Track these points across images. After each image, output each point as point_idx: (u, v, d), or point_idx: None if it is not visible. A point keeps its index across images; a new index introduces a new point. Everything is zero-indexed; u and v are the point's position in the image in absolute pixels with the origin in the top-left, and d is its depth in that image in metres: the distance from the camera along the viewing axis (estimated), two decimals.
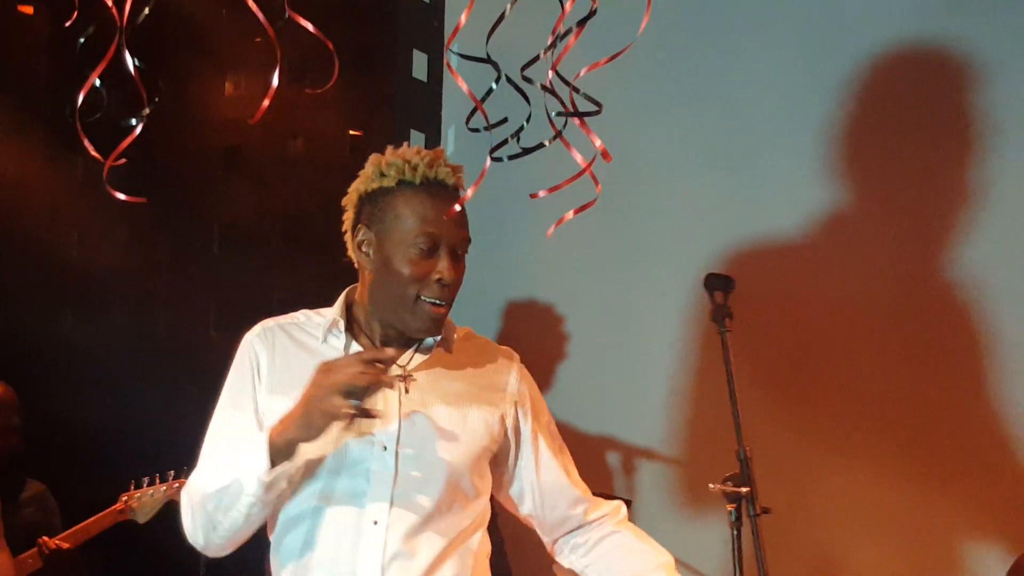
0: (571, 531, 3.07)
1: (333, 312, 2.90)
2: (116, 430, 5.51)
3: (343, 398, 2.54)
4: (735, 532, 2.78)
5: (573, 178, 2.67)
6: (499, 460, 2.95)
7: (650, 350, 4.91)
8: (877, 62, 4.66)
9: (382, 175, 2.84)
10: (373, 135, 5.33)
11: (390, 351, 2.63)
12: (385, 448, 2.76)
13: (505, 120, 2.70)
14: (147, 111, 2.53)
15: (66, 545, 4.71)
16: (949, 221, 4.54)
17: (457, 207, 2.71)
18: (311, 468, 2.78)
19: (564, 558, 3.09)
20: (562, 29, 2.55)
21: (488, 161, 2.58)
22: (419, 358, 2.89)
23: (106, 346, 5.54)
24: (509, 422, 2.94)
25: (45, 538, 4.70)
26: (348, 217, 2.93)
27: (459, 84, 2.59)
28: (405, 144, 2.92)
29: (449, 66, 2.58)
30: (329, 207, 5.55)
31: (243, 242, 5.64)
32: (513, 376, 2.97)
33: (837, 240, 4.66)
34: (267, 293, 5.46)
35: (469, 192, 2.65)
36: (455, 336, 2.95)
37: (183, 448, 5.24)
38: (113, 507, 4.78)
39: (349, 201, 2.93)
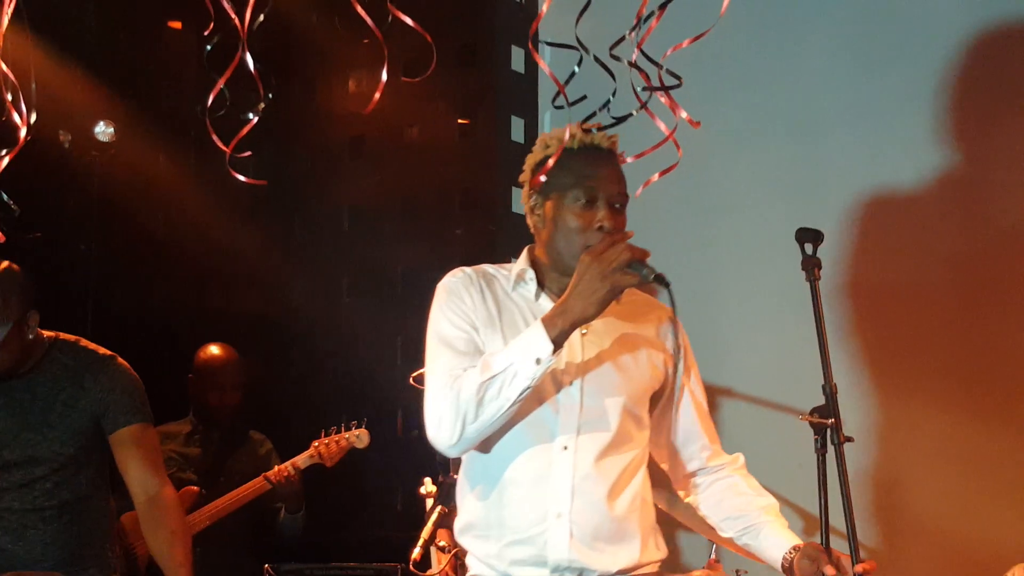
0: (695, 472, 3.17)
1: (519, 265, 3.06)
2: (290, 384, 5.91)
3: (624, 272, 2.73)
4: (820, 458, 2.83)
5: (659, 144, 2.83)
6: (655, 397, 3.07)
7: (738, 301, 5.01)
8: (950, 30, 4.69)
9: (546, 147, 2.99)
10: (478, 123, 5.44)
11: (630, 232, 2.86)
12: (572, 384, 2.92)
13: (584, 97, 2.84)
14: (262, 105, 2.65)
15: (294, 475, 4.99)
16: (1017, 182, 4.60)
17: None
18: None
19: (687, 496, 3.22)
20: (645, 12, 2.66)
21: (567, 133, 2.78)
22: None
23: (249, 315, 5.84)
24: (670, 365, 3.06)
25: (280, 466, 4.98)
26: (524, 188, 3.07)
27: (543, 68, 2.77)
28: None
29: (534, 52, 2.67)
30: (441, 186, 5.85)
31: (368, 219, 5.80)
32: (673, 326, 3.06)
33: (911, 202, 4.73)
34: (391, 264, 5.66)
35: (551, 162, 2.83)
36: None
37: (348, 398, 5.60)
38: (306, 452, 5.03)
39: (524, 176, 3.07)
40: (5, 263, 3.70)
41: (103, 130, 5.58)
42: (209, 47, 2.68)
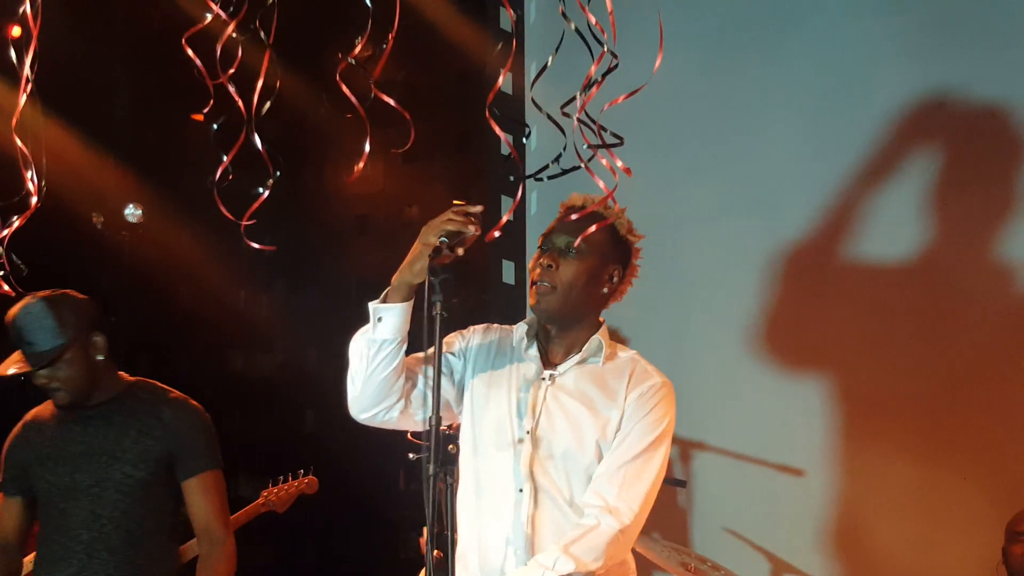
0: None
1: (524, 324, 3.09)
2: (303, 442, 5.92)
3: (436, 237, 2.82)
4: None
5: (601, 201, 2.88)
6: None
7: (701, 358, 4.98)
8: (873, 125, 4.81)
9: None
10: (471, 202, 5.64)
11: (478, 207, 2.91)
12: (528, 432, 2.95)
13: (546, 167, 2.92)
14: (271, 181, 2.70)
15: None
16: (949, 249, 4.69)
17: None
18: (479, 444, 3.01)
19: None
20: (597, 76, 2.70)
21: (520, 191, 2.91)
22: (570, 363, 3.04)
23: (270, 376, 5.92)
24: (611, 430, 2.95)
25: None
26: None
27: (500, 135, 2.85)
28: None
29: (491, 120, 2.77)
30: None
31: (374, 292, 5.95)
32: (634, 387, 3.00)
33: (874, 266, 4.81)
34: None
35: (506, 216, 2.95)
36: (604, 351, 3.04)
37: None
38: (257, 501, 4.93)
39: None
40: (61, 291, 3.63)
41: (132, 212, 5.66)
42: (216, 126, 2.74)
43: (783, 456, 4.90)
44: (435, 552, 4.12)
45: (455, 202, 2.93)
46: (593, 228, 2.90)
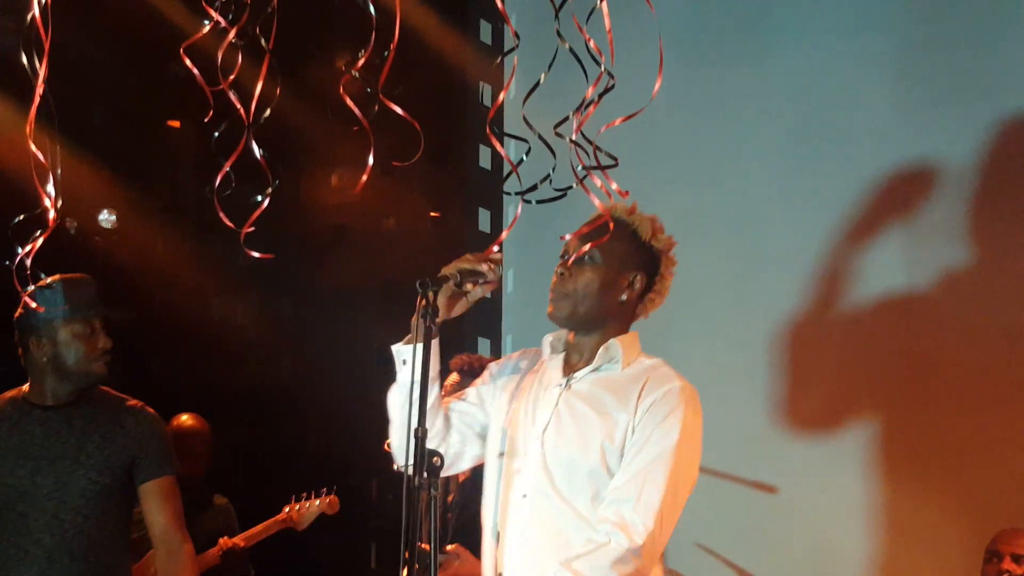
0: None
1: (551, 336, 3.07)
2: (277, 454, 5.90)
3: (451, 272, 2.85)
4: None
5: (598, 222, 2.83)
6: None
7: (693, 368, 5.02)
8: (857, 147, 4.86)
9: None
10: (449, 214, 5.59)
11: (498, 254, 2.93)
12: (537, 437, 2.93)
13: (535, 187, 2.80)
14: (270, 189, 2.66)
15: (241, 544, 4.84)
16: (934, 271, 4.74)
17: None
18: (495, 451, 3.01)
19: None
20: (594, 96, 2.65)
21: (519, 208, 2.78)
22: (586, 370, 2.98)
23: (245, 385, 5.88)
24: (619, 434, 2.88)
25: (225, 538, 4.82)
26: None
27: (499, 151, 2.81)
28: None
29: (491, 136, 2.73)
30: (417, 273, 5.92)
31: (351, 302, 5.87)
32: (648, 394, 2.91)
33: (852, 291, 4.86)
34: (370, 343, 5.76)
35: (504, 234, 2.88)
36: (622, 358, 2.96)
37: (329, 468, 5.66)
38: (278, 516, 4.94)
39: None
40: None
41: (106, 217, 5.67)
42: (216, 134, 2.72)
43: (756, 473, 4.91)
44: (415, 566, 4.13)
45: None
46: (588, 247, 2.91)
